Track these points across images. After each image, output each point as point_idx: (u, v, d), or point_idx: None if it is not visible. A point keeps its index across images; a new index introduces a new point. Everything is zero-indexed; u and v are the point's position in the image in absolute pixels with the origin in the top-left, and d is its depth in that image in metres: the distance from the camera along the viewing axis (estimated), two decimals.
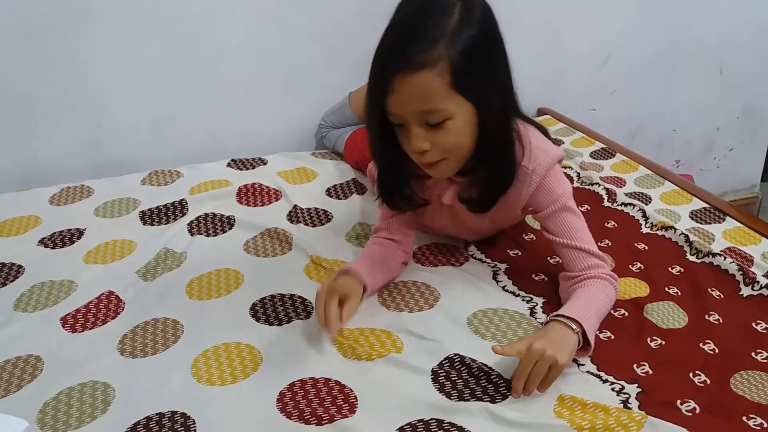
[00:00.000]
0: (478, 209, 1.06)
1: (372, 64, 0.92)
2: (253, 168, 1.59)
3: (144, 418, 0.83)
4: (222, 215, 1.35)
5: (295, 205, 1.39)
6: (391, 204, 1.10)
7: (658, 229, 1.25)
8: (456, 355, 0.93)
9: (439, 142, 0.93)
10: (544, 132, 1.09)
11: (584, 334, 0.89)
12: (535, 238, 1.23)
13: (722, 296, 1.05)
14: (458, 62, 0.87)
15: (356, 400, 0.86)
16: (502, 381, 0.88)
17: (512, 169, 1.00)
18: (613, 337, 0.97)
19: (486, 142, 0.95)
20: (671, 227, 1.24)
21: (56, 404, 0.86)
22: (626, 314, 1.02)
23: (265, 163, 1.61)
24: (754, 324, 0.98)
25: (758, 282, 1.06)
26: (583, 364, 0.91)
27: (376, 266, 1.07)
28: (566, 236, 1.02)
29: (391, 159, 1.02)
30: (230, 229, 1.31)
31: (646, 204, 1.36)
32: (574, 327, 0.89)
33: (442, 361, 0.92)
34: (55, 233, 1.30)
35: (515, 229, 1.24)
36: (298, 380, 0.89)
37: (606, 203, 1.37)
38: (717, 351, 0.93)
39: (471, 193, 1.04)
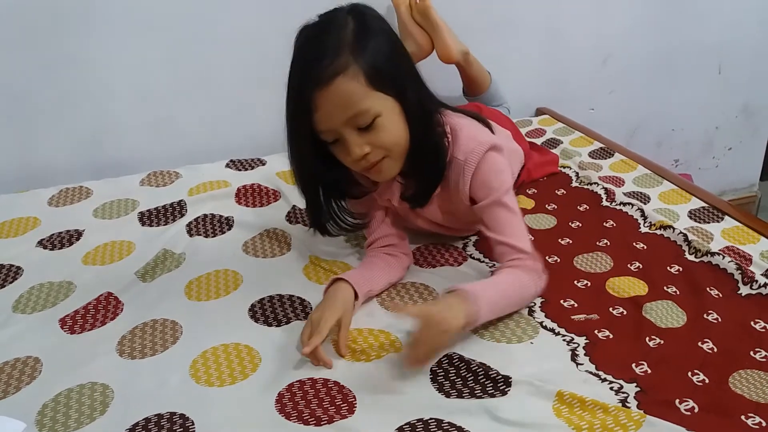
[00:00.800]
0: (416, 204, 1.09)
1: (287, 96, 0.97)
2: (252, 169, 1.59)
3: (143, 419, 0.83)
4: (221, 216, 1.35)
5: (294, 206, 1.39)
6: (323, 231, 1.11)
7: (656, 229, 1.25)
8: (455, 353, 0.93)
9: (377, 142, 0.95)
10: (483, 121, 1.11)
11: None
12: (533, 238, 1.23)
13: (721, 295, 1.05)
14: (367, 62, 0.92)
15: (355, 401, 0.86)
16: (501, 379, 0.88)
17: (442, 157, 1.02)
18: (611, 336, 0.97)
19: (416, 132, 0.98)
20: (670, 226, 1.24)
21: (55, 405, 0.86)
22: (625, 313, 1.02)
23: (264, 164, 1.61)
24: (752, 323, 0.98)
25: (757, 281, 1.06)
26: (582, 364, 0.91)
27: (371, 272, 1.07)
28: (496, 230, 1.02)
29: (324, 186, 1.06)
30: (229, 229, 1.31)
31: (645, 203, 1.36)
32: (470, 300, 0.90)
33: (441, 360, 0.92)
34: (53, 234, 1.30)
35: None
36: (297, 381, 0.89)
37: (605, 203, 1.37)
38: (716, 350, 0.93)
39: (411, 190, 1.07)
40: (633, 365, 0.91)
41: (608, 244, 1.22)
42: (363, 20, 0.95)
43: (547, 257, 1.16)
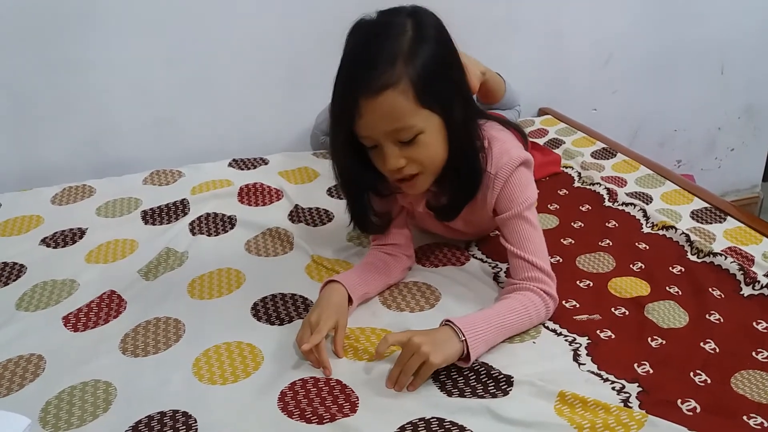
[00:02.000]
0: (444, 218, 1.09)
1: (333, 93, 0.94)
2: (254, 168, 1.59)
3: (146, 417, 0.84)
4: (223, 215, 1.36)
5: (297, 205, 1.39)
6: (365, 229, 1.10)
7: (659, 229, 1.25)
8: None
9: (414, 158, 0.94)
10: (520, 131, 1.10)
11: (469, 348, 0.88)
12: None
13: (723, 296, 1.05)
14: (419, 77, 0.89)
15: (357, 400, 0.86)
16: (503, 379, 0.88)
17: (478, 176, 1.01)
18: (613, 336, 0.97)
19: (455, 151, 0.97)
20: (672, 227, 1.24)
21: (58, 403, 0.87)
22: (627, 313, 1.02)
23: (266, 163, 1.61)
24: (754, 323, 0.98)
25: (759, 282, 1.06)
26: (584, 364, 0.91)
27: (367, 275, 1.06)
28: (516, 244, 1.01)
29: (362, 183, 1.04)
30: (231, 228, 1.31)
31: (647, 204, 1.36)
32: (461, 336, 0.88)
33: None
34: (56, 233, 1.31)
35: None
36: (299, 379, 0.90)
37: (607, 203, 1.37)
38: (718, 350, 0.93)
39: (439, 201, 1.06)
40: (635, 365, 0.91)
41: (610, 244, 1.22)
42: (422, 28, 0.91)
43: (549, 258, 1.16)
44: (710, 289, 1.06)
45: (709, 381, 0.88)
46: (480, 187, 1.02)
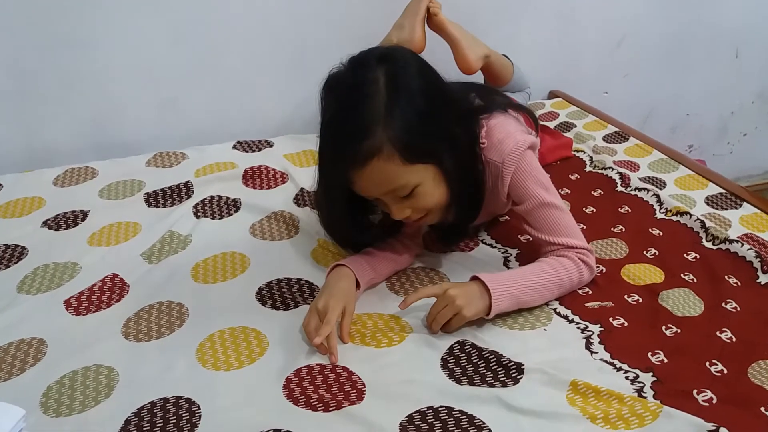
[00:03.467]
0: (448, 242, 1.13)
1: (319, 160, 0.96)
2: (259, 150, 1.56)
3: (148, 403, 0.82)
4: (228, 198, 1.33)
5: (302, 188, 1.36)
6: (357, 249, 1.08)
7: (672, 215, 1.22)
8: (466, 340, 0.91)
9: (418, 206, 0.95)
10: (530, 114, 1.10)
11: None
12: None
13: (739, 283, 1.02)
14: (400, 139, 0.87)
15: (364, 387, 0.84)
16: (513, 366, 0.86)
17: (480, 200, 1.02)
18: (626, 324, 0.94)
19: (457, 186, 0.96)
20: (687, 213, 1.21)
21: (60, 388, 0.85)
22: (640, 300, 0.99)
23: (271, 146, 1.59)
24: None
25: None
26: (597, 352, 0.89)
27: (376, 260, 1.04)
28: (546, 231, 1.00)
29: (358, 237, 1.06)
30: (236, 211, 1.29)
31: (661, 189, 1.33)
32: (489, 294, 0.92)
33: (452, 346, 0.90)
34: (59, 215, 1.29)
35: None
36: (305, 366, 0.88)
37: (619, 188, 1.34)
38: (734, 340, 0.91)
39: (441, 225, 1.06)
40: (649, 354, 0.88)
41: (623, 230, 1.19)
42: (395, 79, 0.89)
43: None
44: (726, 277, 1.04)
45: (725, 371, 0.85)
46: (485, 176, 1.01)
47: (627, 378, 0.85)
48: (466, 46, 1.43)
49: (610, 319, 0.95)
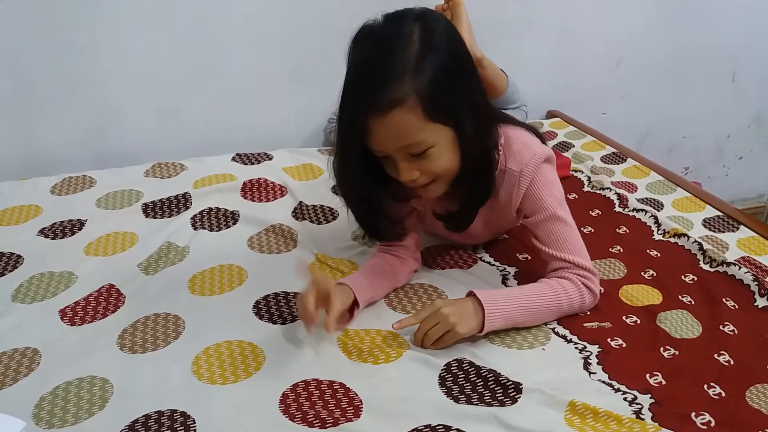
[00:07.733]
0: (455, 229, 1.07)
1: (340, 109, 0.93)
2: (258, 163, 1.56)
3: (143, 416, 0.81)
4: (226, 210, 1.33)
5: (301, 202, 1.36)
6: (382, 237, 1.07)
7: (670, 236, 1.23)
8: (464, 358, 0.91)
9: (427, 169, 0.93)
10: (535, 132, 1.08)
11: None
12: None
13: (737, 306, 1.03)
14: (427, 93, 0.87)
15: (361, 404, 0.84)
16: (511, 386, 0.85)
17: (490, 183, 1.00)
18: (624, 345, 0.94)
19: (469, 159, 0.95)
20: (684, 234, 1.21)
21: (53, 399, 0.84)
22: (638, 322, 0.99)
23: (270, 159, 1.59)
24: None
25: None
26: (594, 373, 0.89)
27: (375, 277, 1.04)
28: (553, 246, 1.00)
29: (371, 194, 1.01)
30: (234, 224, 1.29)
31: (658, 210, 1.34)
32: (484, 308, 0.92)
33: (450, 363, 0.90)
34: (55, 223, 1.28)
35: (525, 232, 1.22)
36: (301, 381, 0.87)
37: (617, 208, 1.35)
38: (732, 363, 0.91)
39: (449, 207, 1.04)
40: (647, 376, 0.88)
41: (621, 250, 1.19)
42: (430, 36, 0.88)
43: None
44: (723, 300, 1.04)
45: (723, 394, 0.85)
46: (501, 183, 1.00)
47: (625, 399, 0.84)
48: (467, 36, 1.43)
49: (609, 339, 0.95)
